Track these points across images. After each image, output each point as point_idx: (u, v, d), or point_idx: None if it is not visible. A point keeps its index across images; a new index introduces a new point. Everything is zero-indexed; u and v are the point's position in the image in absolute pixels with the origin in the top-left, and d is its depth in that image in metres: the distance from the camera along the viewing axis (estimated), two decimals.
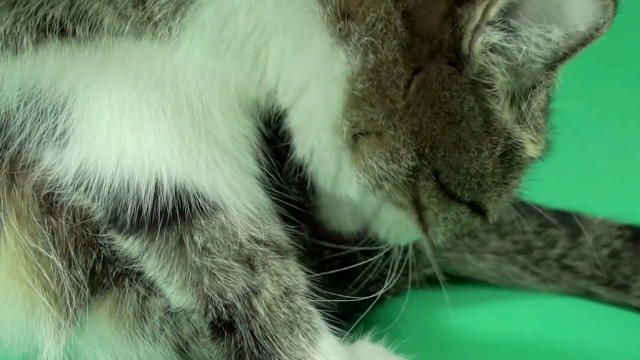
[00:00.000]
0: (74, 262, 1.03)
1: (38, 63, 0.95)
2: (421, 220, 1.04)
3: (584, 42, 0.93)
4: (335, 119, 0.98)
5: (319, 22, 0.94)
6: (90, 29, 0.93)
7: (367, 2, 0.93)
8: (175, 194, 0.98)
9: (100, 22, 0.93)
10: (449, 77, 0.95)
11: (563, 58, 0.94)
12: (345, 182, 1.03)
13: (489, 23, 0.92)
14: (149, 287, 1.04)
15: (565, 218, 1.35)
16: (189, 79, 0.97)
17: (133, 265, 1.02)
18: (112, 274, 1.04)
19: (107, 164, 0.98)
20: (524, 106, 0.97)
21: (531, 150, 1.00)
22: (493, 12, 0.92)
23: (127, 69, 0.96)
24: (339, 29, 0.93)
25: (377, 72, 0.95)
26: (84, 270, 1.03)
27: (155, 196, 0.98)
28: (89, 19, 0.92)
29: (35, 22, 0.92)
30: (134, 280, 1.04)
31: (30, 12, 0.91)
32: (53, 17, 0.92)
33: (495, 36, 0.93)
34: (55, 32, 0.93)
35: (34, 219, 1.03)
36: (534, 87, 0.97)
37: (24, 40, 0.93)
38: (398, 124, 0.96)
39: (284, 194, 1.05)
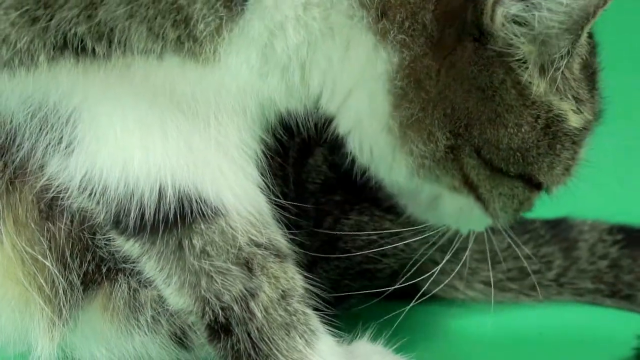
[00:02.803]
0: (69, 267, 1.04)
1: (50, 79, 0.95)
2: (479, 199, 1.05)
3: (598, 2, 0.93)
4: (386, 120, 1.00)
5: (364, 24, 0.96)
6: (111, 47, 0.92)
7: (396, 1, 0.95)
8: (178, 199, 0.99)
9: (126, 40, 0.92)
10: (474, 53, 0.96)
11: (579, 21, 0.95)
12: (397, 168, 1.04)
13: None
14: (140, 280, 1.04)
15: (557, 230, 1.36)
16: (216, 97, 0.98)
17: (132, 265, 1.03)
18: (103, 270, 1.05)
19: (112, 172, 0.99)
20: (555, 75, 0.98)
21: (574, 120, 1.01)
22: None
23: (144, 86, 0.96)
24: (380, 28, 0.96)
25: (412, 67, 0.97)
26: (78, 274, 1.04)
27: (159, 202, 0.99)
28: (114, 37, 0.91)
29: (54, 38, 0.91)
30: (125, 274, 1.05)
31: (51, 28, 0.90)
32: (75, 34, 0.91)
33: (513, 7, 0.94)
34: (74, 49, 0.92)
35: (32, 225, 1.04)
36: (560, 55, 0.97)
37: (40, 58, 0.92)
38: (432, 110, 0.98)
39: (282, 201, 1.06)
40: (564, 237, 1.36)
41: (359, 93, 1.00)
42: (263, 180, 1.04)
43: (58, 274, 1.04)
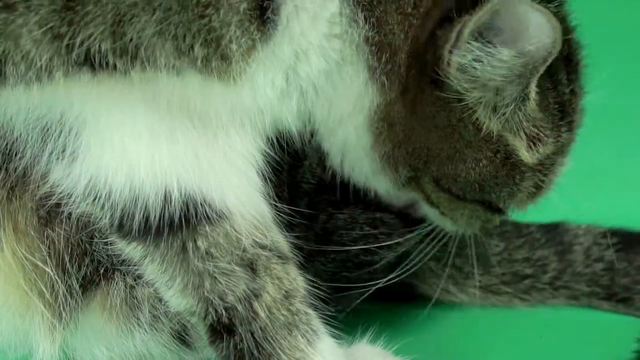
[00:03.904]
0: (68, 272, 1.05)
1: (63, 91, 0.95)
2: (443, 214, 1.12)
3: (537, 60, 0.98)
4: (368, 151, 1.07)
5: (365, 59, 1.00)
6: (134, 63, 0.93)
7: (386, 39, 1.00)
8: (184, 202, 1.00)
9: (149, 56, 0.93)
10: (431, 94, 1.02)
11: (524, 74, 1.00)
12: (376, 184, 1.11)
13: (463, 44, 0.99)
14: (136, 278, 1.05)
15: (553, 234, 1.37)
16: (229, 113, 1.00)
17: (131, 267, 1.04)
18: (101, 271, 1.06)
19: (118, 177, 0.99)
20: (506, 117, 1.03)
21: (525, 156, 1.06)
22: (465, 34, 0.98)
23: (157, 98, 0.97)
24: (371, 65, 1.01)
25: (387, 112, 1.03)
26: (77, 278, 1.05)
27: (164, 205, 1.00)
28: (138, 53, 0.92)
29: (76, 55, 0.91)
30: (121, 272, 1.06)
31: (74, 46, 0.91)
32: (97, 50, 0.91)
33: (466, 57, 0.99)
34: (95, 65, 0.92)
35: (32, 233, 1.05)
36: (508, 101, 1.02)
37: (57, 74, 0.92)
38: (398, 149, 1.05)
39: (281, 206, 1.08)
40: (559, 240, 1.37)
41: (348, 122, 1.05)
42: (263, 186, 1.06)
43: (58, 279, 1.05)
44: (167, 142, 0.99)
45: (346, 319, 1.09)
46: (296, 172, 1.16)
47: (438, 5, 1.00)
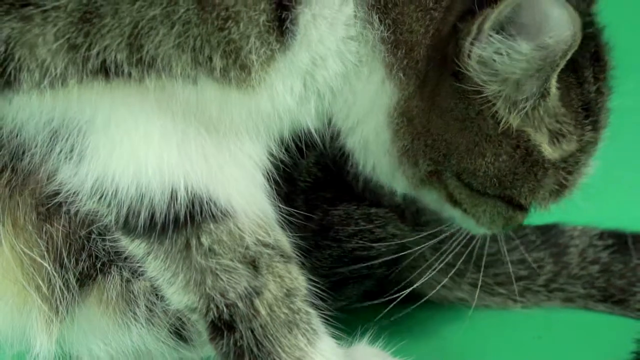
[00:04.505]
0: (65, 266, 1.05)
1: (75, 97, 0.95)
2: (465, 212, 1.11)
3: (557, 53, 0.98)
4: (387, 147, 1.07)
5: (382, 57, 1.01)
6: (150, 72, 0.94)
7: (403, 37, 1.00)
8: (190, 200, 1.00)
9: (165, 66, 0.94)
10: (450, 87, 1.02)
11: (544, 68, 0.99)
12: (396, 182, 1.11)
13: (484, 37, 0.99)
14: (132, 272, 1.06)
15: (548, 236, 1.38)
16: (244, 119, 1.01)
17: (130, 263, 1.05)
18: (97, 265, 1.06)
19: (124, 176, 1.00)
20: (526, 112, 1.03)
21: (548, 151, 1.05)
22: (486, 27, 0.98)
23: (170, 103, 0.98)
24: (388, 62, 1.02)
25: (405, 107, 1.03)
26: (74, 272, 1.06)
27: (170, 203, 1.00)
28: (155, 64, 0.93)
29: (91, 65, 0.92)
30: (117, 266, 1.06)
31: (89, 56, 0.91)
32: (113, 61, 0.92)
33: (487, 50, 0.99)
34: (109, 73, 0.93)
35: (30, 228, 1.05)
36: (528, 95, 1.02)
37: (71, 82, 0.93)
38: (417, 142, 1.05)
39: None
40: (554, 242, 1.37)
41: (367, 121, 1.06)
42: (267, 187, 1.06)
43: (55, 273, 1.05)
44: (178, 143, 0.99)
45: (346, 319, 1.09)
46: (293, 171, 1.16)
47: None
